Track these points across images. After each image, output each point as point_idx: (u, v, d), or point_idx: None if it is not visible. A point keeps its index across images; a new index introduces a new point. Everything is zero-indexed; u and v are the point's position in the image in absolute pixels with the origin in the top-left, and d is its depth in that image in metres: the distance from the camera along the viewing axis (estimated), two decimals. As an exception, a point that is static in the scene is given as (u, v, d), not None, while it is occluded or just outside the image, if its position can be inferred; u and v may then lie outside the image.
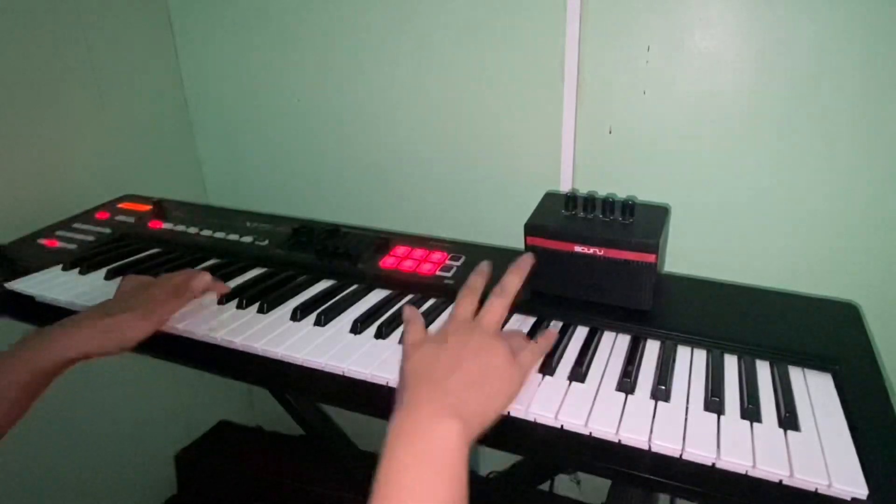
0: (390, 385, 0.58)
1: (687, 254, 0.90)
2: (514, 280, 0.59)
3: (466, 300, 0.57)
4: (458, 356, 0.50)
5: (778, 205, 0.84)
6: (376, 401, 0.58)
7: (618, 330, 0.66)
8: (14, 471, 0.98)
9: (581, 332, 0.65)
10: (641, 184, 0.90)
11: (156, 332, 0.65)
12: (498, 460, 1.18)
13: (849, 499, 0.45)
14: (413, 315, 0.60)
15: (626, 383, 0.56)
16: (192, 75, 1.19)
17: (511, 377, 0.51)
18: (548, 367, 0.58)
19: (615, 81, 0.87)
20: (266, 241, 0.85)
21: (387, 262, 0.78)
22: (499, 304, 0.56)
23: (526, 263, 0.62)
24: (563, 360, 0.60)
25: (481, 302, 0.58)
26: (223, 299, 0.72)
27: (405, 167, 1.07)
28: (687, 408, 0.53)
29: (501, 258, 0.78)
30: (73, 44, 1.00)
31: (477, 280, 0.60)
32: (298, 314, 0.68)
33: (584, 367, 0.58)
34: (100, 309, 0.64)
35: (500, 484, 1.14)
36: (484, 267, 0.62)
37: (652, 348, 0.63)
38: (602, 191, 0.92)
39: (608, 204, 0.68)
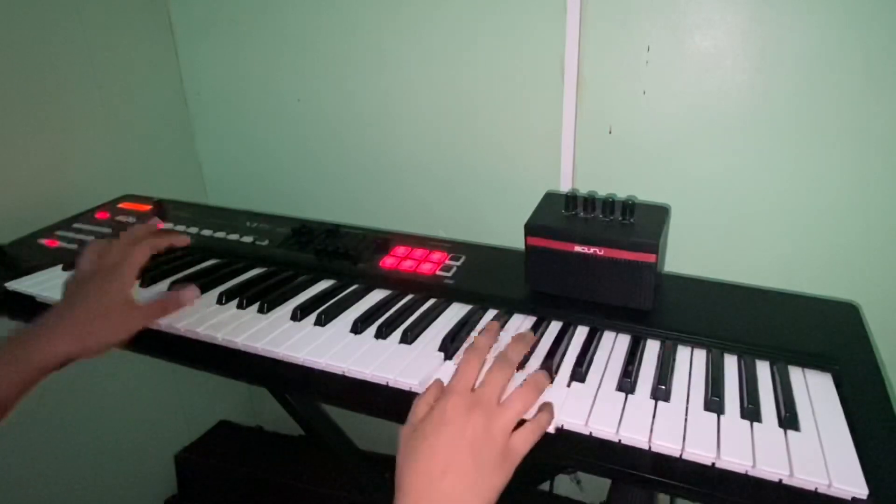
0: (390, 385, 0.58)
1: (687, 254, 0.90)
2: (517, 349, 0.58)
3: (470, 366, 0.54)
4: (454, 450, 0.48)
5: (778, 205, 0.84)
6: (376, 401, 0.58)
7: (618, 330, 0.66)
8: (14, 470, 0.98)
9: (581, 332, 0.65)
10: (641, 184, 0.90)
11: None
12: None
13: (849, 498, 0.45)
14: (435, 383, 0.56)
15: (627, 383, 0.56)
16: (192, 75, 1.19)
17: (502, 469, 0.49)
18: (548, 368, 0.58)
19: (615, 81, 0.87)
20: (266, 241, 0.85)
21: (387, 262, 0.78)
22: (500, 376, 0.54)
23: (530, 339, 0.61)
24: (563, 360, 0.60)
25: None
26: (223, 298, 0.72)
27: (405, 167, 1.07)
28: (687, 408, 0.53)
29: (501, 258, 0.79)
30: (74, 44, 1.00)
31: (483, 341, 0.58)
32: (299, 314, 0.68)
33: (584, 367, 0.58)
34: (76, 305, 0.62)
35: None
36: (493, 326, 0.62)
37: (652, 348, 0.63)
38: (602, 191, 0.92)
39: (608, 204, 0.68)
